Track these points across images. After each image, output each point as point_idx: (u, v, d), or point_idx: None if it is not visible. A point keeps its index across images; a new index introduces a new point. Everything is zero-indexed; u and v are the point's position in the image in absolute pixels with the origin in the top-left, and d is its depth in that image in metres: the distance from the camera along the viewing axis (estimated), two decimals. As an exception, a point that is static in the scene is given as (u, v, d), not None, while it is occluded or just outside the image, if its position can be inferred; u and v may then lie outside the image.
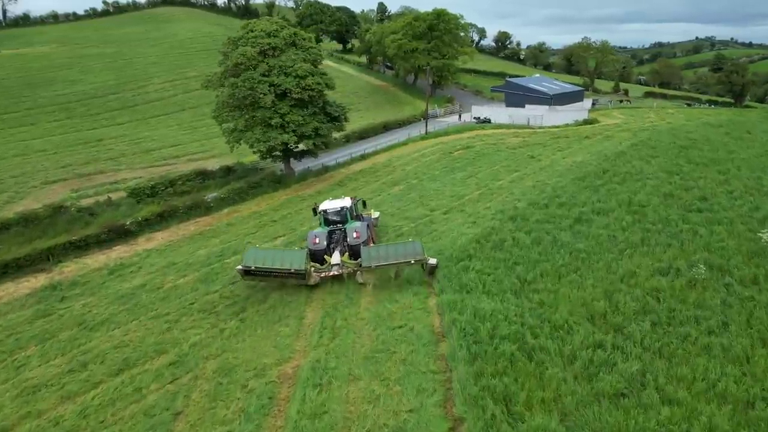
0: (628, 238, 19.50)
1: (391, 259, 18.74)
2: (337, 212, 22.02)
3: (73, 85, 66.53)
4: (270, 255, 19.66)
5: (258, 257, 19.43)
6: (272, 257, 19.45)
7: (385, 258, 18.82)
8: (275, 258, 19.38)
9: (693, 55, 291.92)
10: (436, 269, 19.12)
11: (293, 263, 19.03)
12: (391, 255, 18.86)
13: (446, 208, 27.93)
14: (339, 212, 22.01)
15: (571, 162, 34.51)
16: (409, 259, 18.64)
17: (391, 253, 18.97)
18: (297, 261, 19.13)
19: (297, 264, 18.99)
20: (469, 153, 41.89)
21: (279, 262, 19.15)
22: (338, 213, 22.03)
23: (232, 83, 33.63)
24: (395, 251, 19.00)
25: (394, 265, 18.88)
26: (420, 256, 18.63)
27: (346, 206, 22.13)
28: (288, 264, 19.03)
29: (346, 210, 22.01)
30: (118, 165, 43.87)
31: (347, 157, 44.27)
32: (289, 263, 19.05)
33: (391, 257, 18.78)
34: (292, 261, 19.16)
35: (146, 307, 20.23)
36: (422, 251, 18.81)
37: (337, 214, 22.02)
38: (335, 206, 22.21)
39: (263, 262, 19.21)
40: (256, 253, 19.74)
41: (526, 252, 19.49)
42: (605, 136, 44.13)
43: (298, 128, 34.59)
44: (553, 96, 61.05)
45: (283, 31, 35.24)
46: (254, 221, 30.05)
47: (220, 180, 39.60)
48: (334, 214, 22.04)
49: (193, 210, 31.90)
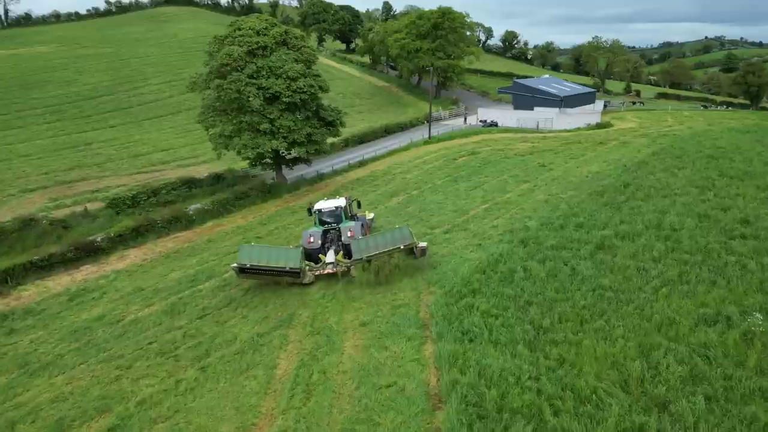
0: (662, 273, 16.29)
1: (381, 248, 18.38)
2: (331, 212, 21.64)
3: (66, 86, 64.09)
4: (265, 253, 19.14)
5: (253, 255, 18.88)
6: (267, 255, 18.96)
7: (375, 248, 18.44)
8: (270, 256, 18.94)
9: (703, 55, 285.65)
10: (426, 251, 19.10)
11: (288, 261, 18.68)
12: (381, 244, 18.55)
13: (448, 225, 24.83)
14: (334, 212, 21.63)
15: (587, 172, 31.23)
16: (398, 245, 18.35)
17: (380, 242, 18.66)
18: (292, 259, 18.79)
19: (292, 262, 18.65)
20: (474, 160, 38.73)
21: (274, 260, 18.74)
22: (333, 213, 21.64)
23: (217, 85, 30.75)
24: (384, 239, 18.72)
25: (385, 254, 18.35)
26: (409, 240, 18.37)
27: (341, 206, 21.71)
28: (283, 262, 18.67)
29: (340, 210, 21.61)
30: (103, 171, 41.19)
31: (344, 163, 41.30)
32: (285, 261, 18.69)
33: (381, 246, 18.45)
34: (287, 259, 18.78)
35: (99, 346, 17.34)
36: (411, 236, 18.57)
37: (331, 214, 21.64)
38: (330, 206, 21.81)
39: (258, 259, 18.75)
40: (251, 251, 19.14)
41: (541, 287, 16.37)
42: (621, 142, 40.75)
43: (289, 134, 31.67)
44: (564, 98, 57.62)
45: (273, 29, 32.28)
46: (237, 237, 27.13)
47: (208, 188, 36.78)
48: (329, 214, 21.66)
49: (173, 223, 29.05)
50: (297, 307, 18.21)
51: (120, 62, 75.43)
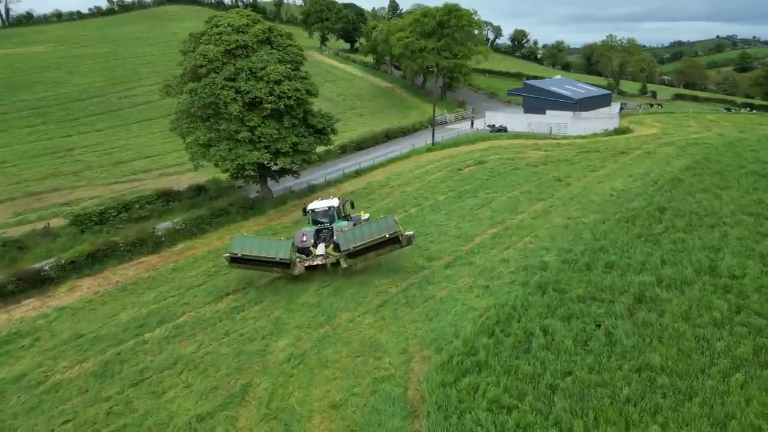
0: (730, 348, 12.07)
1: (367, 238, 18.29)
2: (324, 212, 21.68)
3: (56, 87, 60.77)
4: (257, 243, 19.36)
5: (245, 245, 19.04)
6: (259, 246, 19.16)
7: (361, 238, 18.41)
8: (261, 247, 19.12)
9: (715, 54, 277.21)
10: (413, 239, 19.08)
11: (279, 252, 18.79)
12: (366, 234, 18.44)
13: (450, 256, 20.73)
14: (326, 212, 21.66)
15: (610, 190, 26.90)
16: (384, 234, 18.14)
17: (366, 232, 18.57)
18: (282, 250, 18.90)
19: (282, 253, 18.76)
20: (481, 171, 34.49)
21: (265, 250, 18.89)
22: (326, 213, 21.67)
23: (191, 89, 26.87)
24: (370, 229, 18.58)
25: (371, 243, 18.25)
26: (394, 229, 18.16)
27: (334, 206, 21.77)
28: (274, 253, 18.77)
29: (333, 210, 21.64)
30: (79, 180, 37.60)
31: (339, 172, 37.27)
32: (275, 252, 18.80)
33: (367, 236, 18.36)
34: (278, 250, 18.90)
35: (2, 423, 13.54)
36: (396, 225, 18.37)
37: (324, 214, 21.66)
38: (323, 206, 21.86)
39: (250, 250, 18.86)
40: (243, 241, 19.30)
41: (567, 362, 12.24)
42: (645, 151, 36.23)
43: (272, 144, 27.69)
44: (578, 100, 52.98)
45: (256, 26, 28.27)
46: (207, 265, 23.25)
47: (187, 201, 32.98)
48: (323, 213, 21.69)
49: (138, 246, 25.24)
50: (255, 373, 14.25)
51: (116, 62, 72.07)
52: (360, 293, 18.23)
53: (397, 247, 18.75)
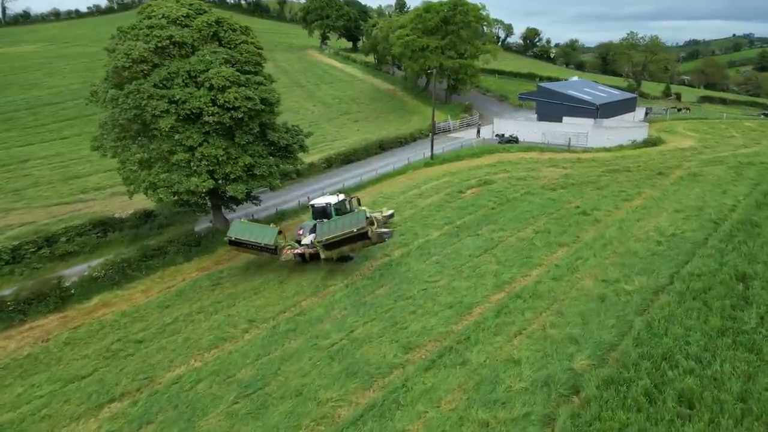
0: None
1: (338, 231, 18.75)
2: (322, 207, 22.00)
3: (29, 89, 55.25)
4: (249, 229, 20.61)
5: (240, 230, 20.48)
6: (250, 231, 20.43)
7: (333, 230, 18.90)
8: (252, 232, 20.40)
9: (733, 53, 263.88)
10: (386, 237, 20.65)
11: (264, 238, 20.02)
12: (338, 227, 18.92)
13: (435, 343, 14.04)
14: (324, 208, 21.89)
15: (656, 233, 19.81)
16: (351, 229, 18.45)
17: (338, 225, 19.02)
18: (268, 236, 20.05)
19: (267, 239, 19.97)
20: (486, 195, 27.60)
21: (255, 236, 20.20)
22: (323, 208, 21.90)
23: (112, 97, 20.52)
24: (342, 223, 18.98)
25: (342, 237, 18.57)
26: (361, 225, 18.47)
27: (331, 203, 21.97)
28: (260, 239, 20.06)
29: (330, 206, 21.82)
30: (17, 200, 31.66)
31: (319, 193, 30.65)
32: (262, 238, 20.04)
33: (338, 229, 18.83)
34: (264, 236, 20.12)
35: None
36: (363, 220, 18.72)
37: (322, 210, 21.94)
38: (321, 202, 22.31)
39: (242, 234, 20.31)
40: (239, 226, 20.66)
41: None
42: (688, 171, 28.90)
43: (218, 167, 21.26)
44: (600, 106, 45.53)
45: (199, 18, 21.75)
46: (113, 335, 16.91)
47: (130, 232, 26.80)
48: (320, 209, 22.00)
49: (37, 303, 19.02)
50: None
51: (99, 62, 66.26)
52: (292, 419, 11.65)
53: (368, 243, 19.10)
